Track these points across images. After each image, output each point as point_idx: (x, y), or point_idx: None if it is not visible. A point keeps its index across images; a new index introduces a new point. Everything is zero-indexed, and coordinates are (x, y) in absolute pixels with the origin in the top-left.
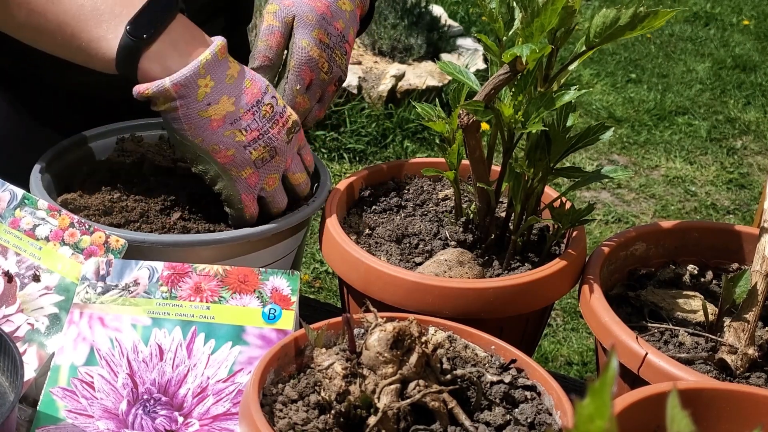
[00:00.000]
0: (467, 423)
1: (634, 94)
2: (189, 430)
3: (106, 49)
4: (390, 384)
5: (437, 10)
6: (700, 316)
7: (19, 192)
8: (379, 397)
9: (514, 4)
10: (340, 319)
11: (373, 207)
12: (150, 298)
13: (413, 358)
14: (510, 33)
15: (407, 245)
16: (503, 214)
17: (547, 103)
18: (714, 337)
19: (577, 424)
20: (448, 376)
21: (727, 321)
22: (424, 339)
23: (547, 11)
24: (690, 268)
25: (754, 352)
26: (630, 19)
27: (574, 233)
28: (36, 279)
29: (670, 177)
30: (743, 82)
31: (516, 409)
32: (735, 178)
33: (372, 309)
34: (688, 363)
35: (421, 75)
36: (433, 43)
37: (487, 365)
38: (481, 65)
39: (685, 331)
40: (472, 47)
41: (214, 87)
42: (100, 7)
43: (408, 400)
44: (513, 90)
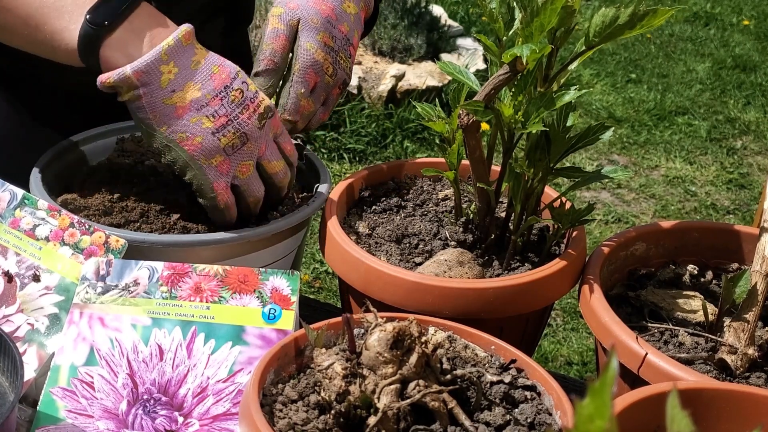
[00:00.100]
0: (467, 423)
1: (634, 94)
2: (189, 430)
3: (68, 40)
4: (390, 384)
5: (437, 10)
6: (700, 316)
7: (19, 192)
8: (379, 397)
9: (514, 4)
10: (340, 319)
11: (373, 207)
12: (150, 298)
13: (413, 358)
14: (510, 33)
15: (407, 245)
16: (503, 214)
17: (547, 103)
18: (714, 337)
19: (577, 424)
20: (448, 376)
21: (727, 321)
22: (424, 339)
23: (547, 11)
24: (690, 268)
25: (754, 352)
26: (629, 18)
27: (574, 233)
28: (36, 279)
29: (670, 177)
30: (743, 82)
31: (516, 409)
32: (735, 178)
33: (372, 309)
34: (688, 363)
35: (421, 75)
36: (433, 43)
37: (487, 365)
38: (481, 65)
39: (685, 331)
40: (472, 47)
41: (178, 73)
42: None
43: (408, 400)
44: (513, 90)
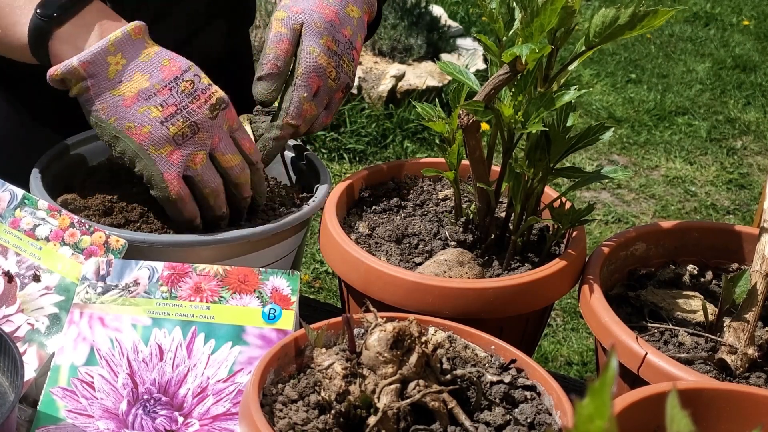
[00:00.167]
0: (467, 423)
1: (634, 94)
2: (189, 430)
3: (20, 34)
4: (390, 384)
5: (437, 11)
6: (700, 316)
7: (19, 192)
8: (379, 397)
9: (514, 4)
10: (340, 319)
11: (373, 207)
12: (150, 298)
13: (413, 358)
14: (510, 33)
15: (407, 245)
16: (503, 214)
17: (547, 103)
18: (714, 337)
19: (577, 424)
20: (448, 376)
21: (727, 321)
22: (424, 339)
23: (547, 11)
24: (690, 268)
25: (753, 352)
26: (629, 19)
27: (574, 233)
28: (36, 279)
29: (670, 177)
30: (743, 82)
31: (516, 409)
32: (735, 178)
33: (372, 309)
34: (688, 363)
35: (421, 75)
36: (433, 44)
37: (487, 365)
38: (481, 65)
39: (685, 331)
40: (472, 47)
41: (126, 65)
42: None
43: (408, 400)
44: (513, 90)
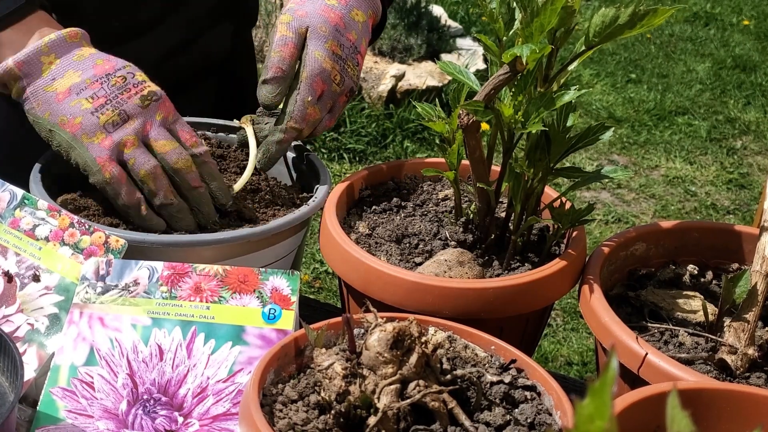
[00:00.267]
0: (467, 423)
1: (634, 94)
2: (189, 430)
3: None
4: (390, 384)
5: (437, 10)
6: (700, 316)
7: (19, 192)
8: (379, 397)
9: (514, 4)
10: (340, 319)
11: (373, 207)
12: (150, 298)
13: (413, 358)
14: (510, 33)
15: (407, 245)
16: (503, 214)
17: (547, 103)
18: (714, 337)
19: (577, 424)
20: (448, 377)
21: (727, 321)
22: (424, 339)
23: (547, 11)
24: (690, 268)
25: (754, 352)
26: (629, 18)
27: (574, 233)
28: (36, 279)
29: (670, 177)
30: (743, 82)
31: (516, 410)
32: (735, 178)
33: (372, 309)
34: (688, 363)
35: (421, 75)
36: (433, 43)
37: (487, 365)
38: (481, 65)
39: (685, 331)
40: (472, 47)
41: (59, 63)
42: None
43: (408, 400)
44: (513, 90)
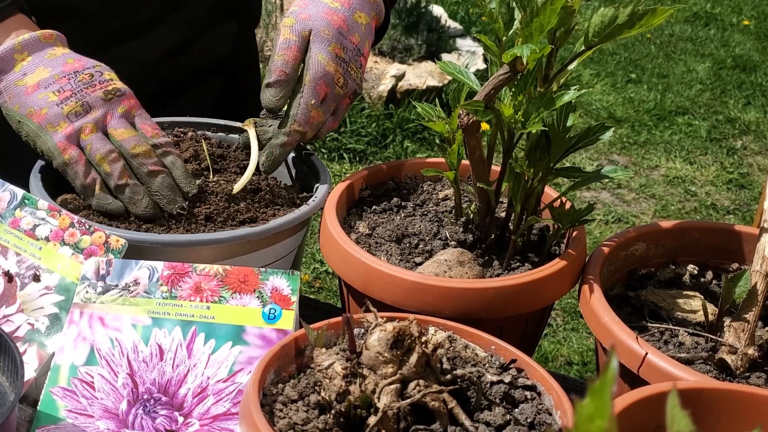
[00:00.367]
0: (467, 423)
1: (634, 94)
2: (189, 430)
3: None
4: (390, 384)
5: (437, 10)
6: (700, 316)
7: (19, 192)
8: (379, 397)
9: (514, 4)
10: (340, 319)
11: (373, 207)
12: (150, 298)
13: (413, 358)
14: (510, 33)
15: (407, 245)
16: (503, 214)
17: (547, 103)
18: (714, 337)
19: (577, 424)
20: (448, 376)
21: (727, 321)
22: (424, 339)
23: (546, 11)
24: (690, 268)
25: (754, 352)
26: (628, 18)
27: (574, 233)
28: (36, 279)
29: (670, 177)
30: (743, 82)
31: (516, 409)
32: (735, 178)
33: (372, 309)
34: (688, 363)
35: (421, 75)
36: (433, 43)
37: (487, 365)
38: (481, 65)
39: (685, 331)
40: (472, 47)
41: (31, 60)
42: None
43: (408, 400)
44: (513, 90)
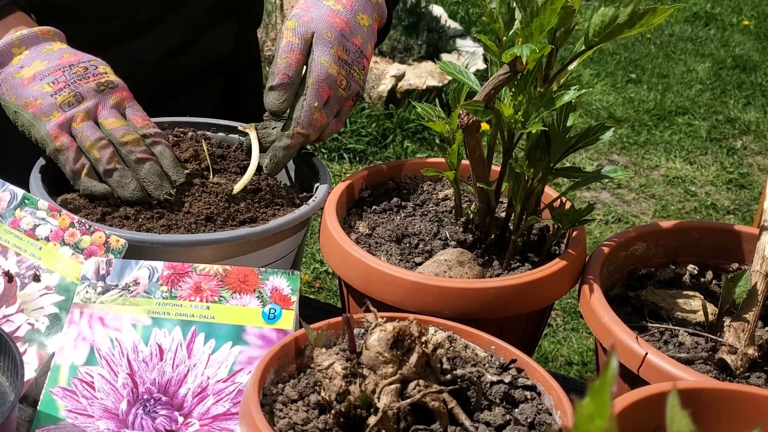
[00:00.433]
0: (467, 423)
1: (634, 94)
2: (189, 430)
3: None
4: (390, 384)
5: (437, 10)
6: (700, 316)
7: (19, 192)
8: (379, 397)
9: (514, 4)
10: (340, 319)
11: (373, 207)
12: (150, 298)
13: (413, 358)
14: (510, 33)
15: (407, 245)
16: (503, 214)
17: (547, 103)
18: (714, 337)
19: (577, 424)
20: (448, 376)
21: (727, 321)
22: (424, 339)
23: (547, 11)
24: (690, 268)
25: (754, 352)
26: (628, 17)
27: (574, 233)
28: (36, 279)
29: (670, 177)
30: (743, 82)
31: (516, 409)
32: (735, 178)
33: (372, 309)
34: (688, 363)
35: (421, 75)
36: (433, 43)
37: (487, 365)
38: (481, 65)
39: (685, 331)
40: (472, 47)
41: (28, 54)
42: None
43: (408, 400)
44: (513, 90)
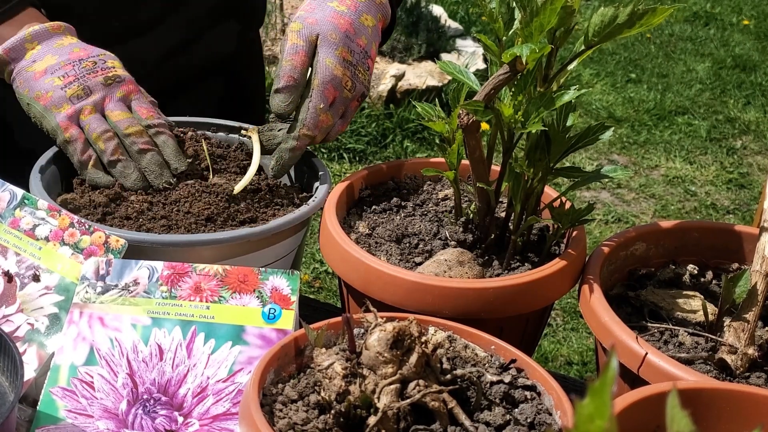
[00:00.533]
0: (467, 423)
1: (634, 94)
2: (189, 430)
3: None
4: (390, 384)
5: (437, 10)
6: (700, 316)
7: (19, 192)
8: (379, 397)
9: (514, 4)
10: (340, 319)
11: (373, 207)
12: (150, 298)
13: (413, 358)
14: (510, 33)
15: (407, 245)
16: (503, 214)
17: (546, 103)
18: (714, 337)
19: (577, 424)
20: (448, 376)
21: (727, 321)
22: (424, 339)
23: (546, 11)
24: (690, 268)
25: (754, 352)
26: (628, 17)
27: (574, 233)
28: (36, 279)
29: (670, 177)
30: (743, 82)
31: (516, 409)
32: (735, 178)
33: (372, 309)
34: (688, 363)
35: (421, 75)
36: (433, 43)
37: (487, 365)
38: (481, 65)
39: (685, 331)
40: (472, 47)
41: (40, 49)
42: None
43: (408, 400)
44: (513, 90)
